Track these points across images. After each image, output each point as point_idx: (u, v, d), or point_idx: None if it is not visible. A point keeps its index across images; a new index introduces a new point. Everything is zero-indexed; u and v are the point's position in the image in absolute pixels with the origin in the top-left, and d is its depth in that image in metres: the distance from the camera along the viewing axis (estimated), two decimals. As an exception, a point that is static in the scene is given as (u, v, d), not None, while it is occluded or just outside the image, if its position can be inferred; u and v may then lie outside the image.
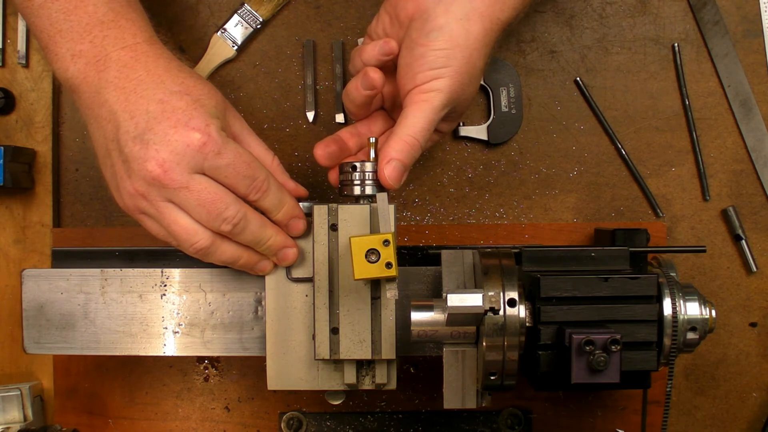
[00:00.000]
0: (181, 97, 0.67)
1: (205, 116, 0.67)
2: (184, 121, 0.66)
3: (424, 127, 0.72)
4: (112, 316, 0.79)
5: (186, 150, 0.65)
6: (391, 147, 0.72)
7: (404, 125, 0.72)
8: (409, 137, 0.72)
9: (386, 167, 0.71)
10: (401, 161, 0.72)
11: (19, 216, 0.89)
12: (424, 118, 0.72)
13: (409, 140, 0.72)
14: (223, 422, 0.90)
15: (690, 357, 0.90)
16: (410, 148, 0.72)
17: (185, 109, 0.67)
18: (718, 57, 0.90)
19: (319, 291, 0.72)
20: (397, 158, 0.71)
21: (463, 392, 0.71)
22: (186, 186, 0.66)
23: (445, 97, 0.72)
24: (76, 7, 0.68)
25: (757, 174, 0.90)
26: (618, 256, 0.73)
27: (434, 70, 0.72)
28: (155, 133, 0.66)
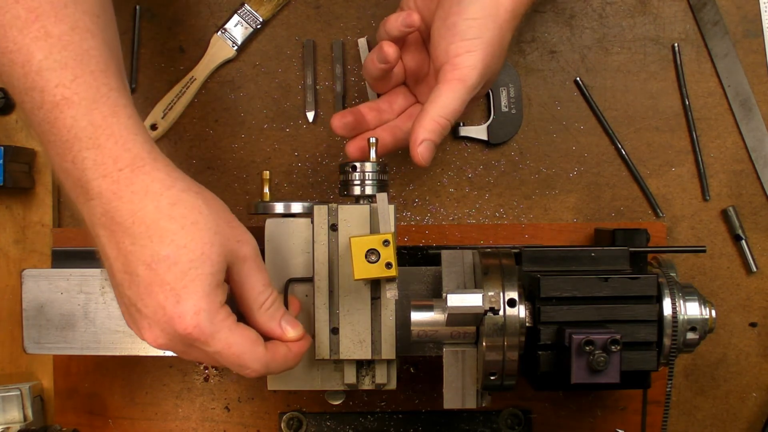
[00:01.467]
0: (169, 268, 0.59)
1: (194, 299, 0.60)
2: (172, 303, 0.59)
3: (457, 109, 0.72)
4: (112, 316, 0.79)
5: (175, 334, 0.60)
6: (423, 127, 0.72)
7: (438, 105, 0.72)
8: (442, 119, 0.72)
9: (419, 148, 0.72)
10: (433, 141, 0.72)
11: (19, 216, 0.89)
12: (458, 99, 0.71)
13: (442, 122, 0.72)
14: (223, 422, 0.90)
15: (690, 357, 0.90)
16: (442, 129, 0.72)
17: (173, 286, 0.59)
18: (718, 57, 0.90)
19: (319, 291, 0.72)
20: (430, 138, 0.72)
21: (463, 392, 0.71)
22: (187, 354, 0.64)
23: (478, 75, 0.71)
24: (56, 118, 0.59)
25: (757, 174, 0.90)
26: (618, 256, 0.73)
27: (467, 41, 0.71)
28: (146, 306, 0.60)
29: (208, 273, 0.60)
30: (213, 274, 0.61)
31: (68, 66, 0.59)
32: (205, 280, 0.60)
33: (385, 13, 0.90)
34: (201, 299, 0.60)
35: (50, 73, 0.59)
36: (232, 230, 0.64)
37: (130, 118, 0.61)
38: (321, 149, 0.91)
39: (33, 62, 0.59)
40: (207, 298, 0.60)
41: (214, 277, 0.61)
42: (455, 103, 0.72)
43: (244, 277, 0.64)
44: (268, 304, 0.66)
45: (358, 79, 0.91)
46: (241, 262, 0.64)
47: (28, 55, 0.59)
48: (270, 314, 0.66)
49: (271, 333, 0.67)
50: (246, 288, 0.65)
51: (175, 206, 0.60)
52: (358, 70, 0.91)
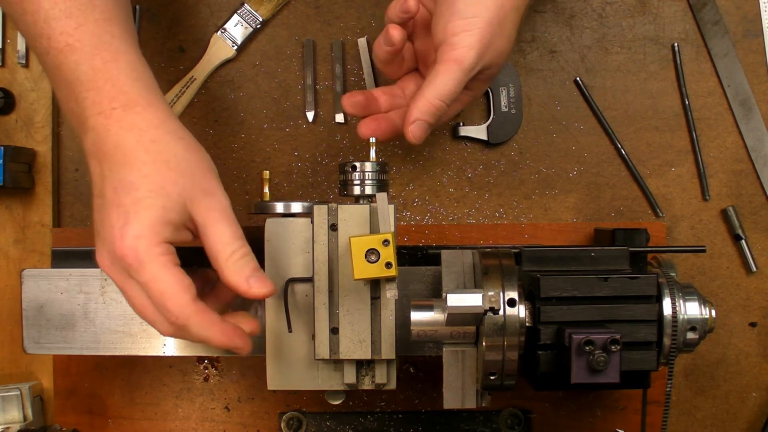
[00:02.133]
0: (129, 192, 0.63)
1: (140, 224, 0.62)
2: (121, 224, 0.63)
3: (452, 90, 0.72)
4: (112, 316, 0.79)
5: (115, 256, 0.63)
6: (417, 107, 0.72)
7: (433, 86, 0.72)
8: (436, 100, 0.72)
9: (411, 126, 0.73)
10: (426, 121, 0.73)
11: (19, 216, 0.89)
12: (454, 80, 0.71)
13: (436, 103, 0.72)
14: (223, 422, 0.90)
15: (690, 357, 0.90)
16: (436, 110, 0.73)
17: (126, 209, 0.63)
18: (718, 57, 0.90)
19: (319, 291, 0.72)
20: (423, 119, 0.73)
21: (463, 392, 0.71)
22: (123, 286, 0.65)
23: (475, 55, 0.71)
24: (61, 63, 0.65)
25: (757, 174, 0.90)
26: (618, 256, 0.73)
27: (464, 20, 0.70)
28: (102, 225, 0.64)
29: (160, 206, 0.63)
30: (166, 209, 0.63)
31: (72, 15, 0.64)
32: (156, 212, 0.63)
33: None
34: (145, 227, 0.62)
35: (55, 22, 0.64)
36: (203, 179, 0.65)
37: (130, 63, 0.66)
38: (321, 149, 0.91)
39: (41, 11, 0.64)
40: (151, 227, 0.63)
41: (166, 212, 0.63)
42: (450, 84, 0.71)
43: (209, 227, 0.65)
44: (236, 256, 0.65)
45: (358, 79, 0.91)
46: (205, 212, 0.65)
47: (36, 5, 0.64)
48: (238, 266, 0.65)
49: (237, 287, 0.65)
50: (212, 239, 0.65)
51: (154, 143, 0.64)
52: (358, 70, 0.91)
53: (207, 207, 0.65)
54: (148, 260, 0.62)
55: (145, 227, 0.62)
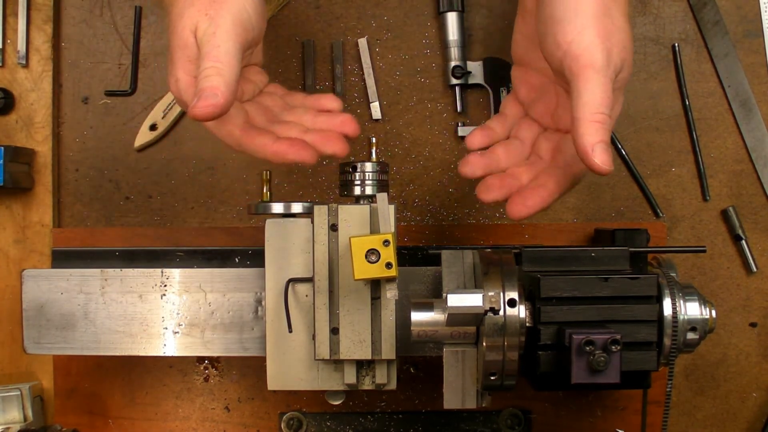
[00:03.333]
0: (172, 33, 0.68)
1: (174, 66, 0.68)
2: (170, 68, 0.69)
3: (604, 96, 0.63)
4: (112, 316, 0.79)
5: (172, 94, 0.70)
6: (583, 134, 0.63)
7: (582, 106, 0.63)
8: (596, 115, 0.63)
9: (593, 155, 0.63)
10: (603, 141, 0.63)
11: (19, 216, 0.89)
12: (600, 85, 0.63)
13: (598, 117, 0.63)
14: (223, 422, 0.90)
15: (690, 357, 0.90)
16: (602, 125, 0.63)
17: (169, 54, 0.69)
18: (718, 57, 0.90)
19: (319, 291, 0.72)
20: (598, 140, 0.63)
21: (463, 392, 0.71)
22: None
23: (601, 52, 0.63)
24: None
25: (757, 174, 0.90)
26: (618, 256, 0.73)
27: (570, 24, 0.64)
28: None
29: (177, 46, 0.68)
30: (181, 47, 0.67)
31: None
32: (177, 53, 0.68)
33: (385, 13, 0.90)
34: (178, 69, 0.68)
35: None
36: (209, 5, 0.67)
37: None
38: (321, 149, 0.90)
39: None
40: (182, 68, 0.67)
41: (183, 51, 0.67)
42: (598, 92, 0.63)
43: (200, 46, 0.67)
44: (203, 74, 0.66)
45: (358, 79, 0.91)
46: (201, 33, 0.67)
47: None
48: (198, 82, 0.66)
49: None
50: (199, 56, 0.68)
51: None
52: (358, 70, 0.91)
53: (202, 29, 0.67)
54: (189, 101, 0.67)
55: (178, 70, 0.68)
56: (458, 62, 0.89)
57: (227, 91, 0.64)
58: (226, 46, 0.66)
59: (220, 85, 0.64)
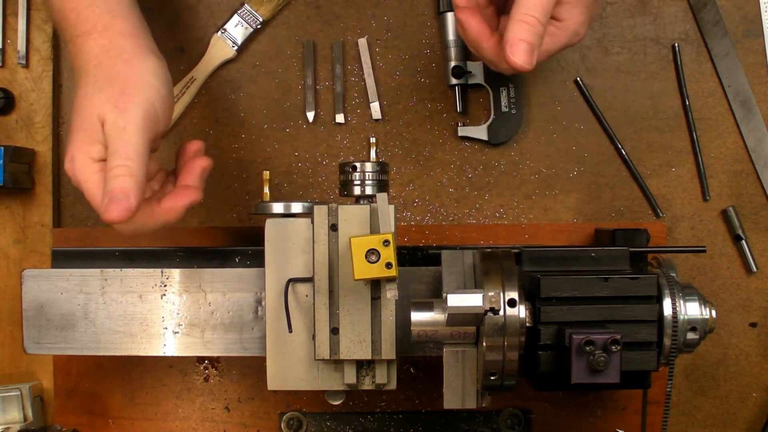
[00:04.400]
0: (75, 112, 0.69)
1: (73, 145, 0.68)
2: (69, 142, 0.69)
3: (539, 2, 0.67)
4: (112, 316, 0.79)
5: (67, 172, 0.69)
6: (512, 30, 0.67)
7: (518, 6, 0.67)
8: (526, 16, 0.67)
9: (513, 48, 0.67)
10: (527, 41, 0.67)
11: (19, 216, 0.89)
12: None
13: (528, 19, 0.67)
14: (223, 422, 0.90)
15: (690, 357, 0.90)
16: (530, 27, 0.67)
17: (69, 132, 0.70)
18: (718, 57, 0.90)
19: (319, 291, 0.72)
20: (524, 38, 0.67)
21: (463, 392, 0.71)
22: None
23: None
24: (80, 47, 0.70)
25: (757, 174, 0.90)
26: (618, 256, 0.73)
27: None
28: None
29: (80, 127, 0.68)
30: (84, 129, 0.68)
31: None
32: (79, 133, 0.68)
33: (385, 13, 0.90)
34: (76, 149, 0.68)
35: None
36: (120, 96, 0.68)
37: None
38: (321, 149, 0.91)
39: None
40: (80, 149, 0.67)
41: (86, 133, 0.68)
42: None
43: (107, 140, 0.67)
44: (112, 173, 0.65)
45: (358, 79, 0.91)
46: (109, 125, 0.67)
47: None
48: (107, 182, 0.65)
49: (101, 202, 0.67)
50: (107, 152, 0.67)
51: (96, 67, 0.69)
52: (358, 70, 0.91)
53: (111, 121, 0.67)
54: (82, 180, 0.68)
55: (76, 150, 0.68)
56: (458, 62, 0.89)
57: (138, 192, 0.65)
58: (137, 143, 0.66)
59: (132, 187, 0.65)
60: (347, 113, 0.90)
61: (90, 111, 0.67)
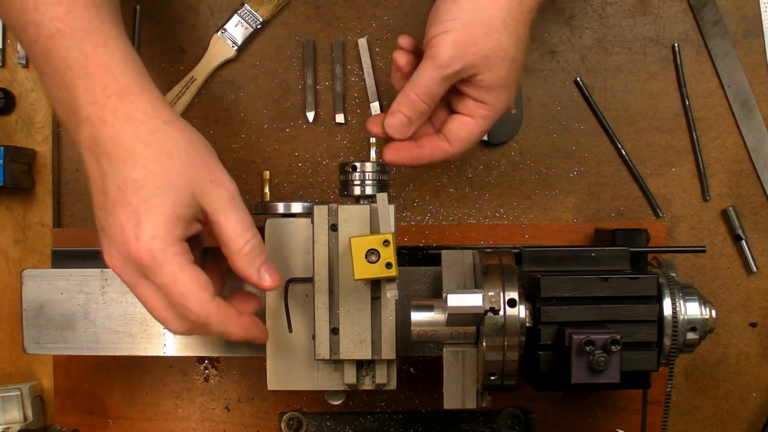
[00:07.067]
0: (136, 191, 0.61)
1: (154, 224, 0.61)
2: (133, 224, 0.61)
3: (425, 84, 0.70)
4: (112, 316, 0.79)
5: (129, 257, 0.62)
6: (396, 101, 0.72)
7: (411, 81, 0.71)
8: (412, 93, 0.71)
9: (387, 118, 0.72)
10: (402, 113, 0.72)
11: (19, 216, 0.89)
12: (427, 74, 0.70)
13: (412, 96, 0.71)
14: (223, 422, 0.90)
15: (690, 357, 0.90)
16: (412, 104, 0.71)
17: (136, 208, 0.61)
18: (718, 57, 0.90)
19: (319, 291, 0.72)
20: (400, 110, 0.72)
21: (463, 392, 0.71)
22: (135, 286, 0.64)
23: (448, 52, 0.69)
24: (51, 50, 0.63)
25: (757, 174, 0.90)
26: (618, 256, 0.73)
27: (443, 23, 0.70)
28: (110, 225, 0.63)
29: (171, 202, 0.62)
30: (176, 204, 0.62)
31: (62, 1, 0.63)
32: (167, 209, 0.62)
33: (385, 13, 0.90)
34: (159, 226, 0.61)
35: (45, 8, 0.63)
36: (207, 169, 0.64)
37: (121, 50, 0.64)
38: (321, 149, 0.91)
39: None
40: (165, 226, 0.61)
41: (177, 208, 0.62)
42: (424, 80, 0.70)
43: (219, 218, 0.64)
44: (247, 248, 0.65)
45: (358, 79, 0.91)
46: (215, 202, 0.64)
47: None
48: (249, 259, 0.65)
49: (248, 278, 0.66)
50: (223, 230, 0.65)
51: (154, 135, 0.63)
52: (358, 70, 0.91)
53: (216, 197, 0.64)
54: (166, 261, 0.61)
55: (159, 227, 0.61)
56: (458, 62, 0.89)
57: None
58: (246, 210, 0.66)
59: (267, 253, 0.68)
60: (347, 113, 0.91)
61: (183, 186, 0.62)
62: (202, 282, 0.63)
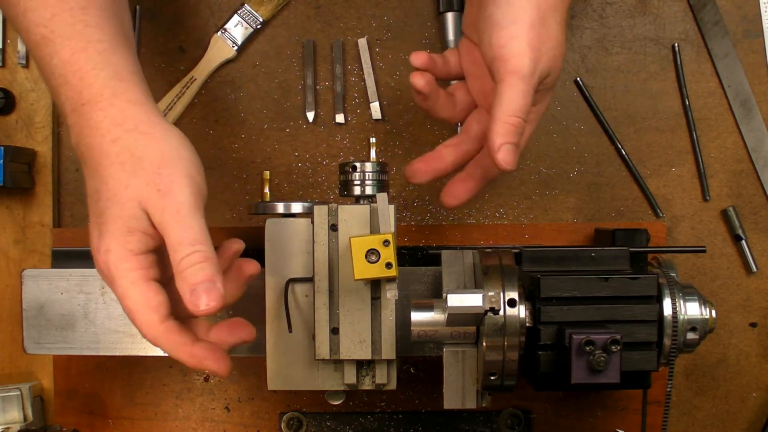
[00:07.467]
0: (96, 203, 0.61)
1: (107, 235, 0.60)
2: (96, 235, 0.61)
3: (522, 102, 0.66)
4: (112, 316, 0.79)
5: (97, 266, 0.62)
6: (495, 133, 0.67)
7: (503, 105, 0.66)
8: (512, 118, 0.66)
9: (499, 154, 0.67)
10: (512, 143, 0.67)
11: (19, 216, 0.89)
12: (520, 92, 0.66)
13: (513, 120, 0.66)
14: (223, 422, 0.90)
15: (690, 357, 0.90)
16: (515, 128, 0.67)
17: (97, 219, 0.61)
18: (718, 57, 0.90)
19: (319, 291, 0.72)
20: (508, 141, 0.67)
21: (463, 392, 0.71)
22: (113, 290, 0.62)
23: (530, 60, 0.66)
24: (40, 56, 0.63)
25: (757, 174, 0.90)
26: (618, 256, 0.73)
27: (506, 29, 0.66)
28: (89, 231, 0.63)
29: (117, 216, 0.60)
30: (123, 217, 0.60)
31: (48, 5, 0.62)
32: (116, 222, 0.60)
33: (385, 13, 0.90)
34: (111, 240, 0.60)
35: (33, 13, 0.62)
36: (157, 177, 0.60)
37: (101, 53, 0.62)
38: (321, 149, 0.91)
39: (20, 3, 0.63)
40: (118, 240, 0.60)
41: (126, 221, 0.60)
42: (518, 97, 0.66)
43: (164, 229, 0.60)
44: (184, 264, 0.59)
45: (358, 79, 0.91)
46: (159, 214, 0.60)
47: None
48: (183, 276, 0.59)
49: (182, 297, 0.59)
50: (167, 242, 0.60)
51: (114, 143, 0.61)
52: (358, 70, 0.91)
53: (160, 207, 0.60)
54: (117, 276, 0.60)
55: (113, 240, 0.60)
56: (458, 62, 0.89)
57: (220, 275, 0.60)
58: (198, 224, 0.60)
59: (214, 272, 0.59)
60: (347, 113, 0.91)
61: (127, 198, 0.60)
62: (153, 303, 0.60)
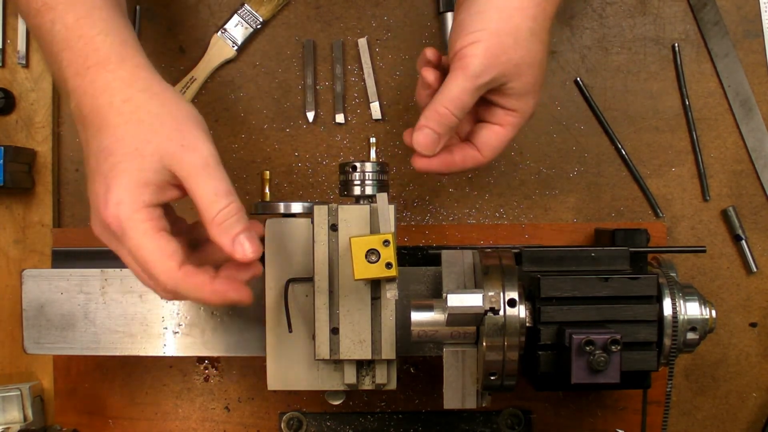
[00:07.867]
0: (106, 158, 0.62)
1: (119, 188, 0.61)
2: (103, 191, 0.62)
3: (457, 97, 0.69)
4: (112, 316, 0.79)
5: (104, 223, 0.62)
6: (423, 115, 0.71)
7: (438, 96, 0.70)
8: (441, 107, 0.70)
9: (416, 132, 0.71)
10: (432, 129, 0.71)
11: (19, 216, 0.89)
12: (459, 86, 0.69)
13: (441, 110, 0.70)
14: (223, 422, 0.90)
15: (690, 357, 0.90)
16: (441, 118, 0.70)
17: (106, 175, 0.62)
18: (718, 57, 0.90)
19: (319, 291, 0.72)
20: (428, 126, 0.71)
21: (463, 392, 0.71)
22: (117, 252, 0.64)
23: (480, 62, 0.69)
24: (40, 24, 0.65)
25: (757, 174, 0.90)
26: (618, 256, 0.73)
27: (471, 34, 0.69)
28: (90, 193, 0.64)
29: (136, 168, 0.62)
30: (142, 170, 0.62)
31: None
32: (133, 175, 0.61)
33: (385, 13, 0.90)
34: (124, 191, 0.61)
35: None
36: (178, 134, 0.63)
37: (104, 20, 0.65)
38: (321, 149, 0.91)
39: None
40: (130, 192, 0.61)
41: (144, 173, 0.62)
42: (455, 91, 0.69)
43: (191, 184, 0.62)
44: (221, 216, 0.62)
45: (358, 79, 0.91)
46: (186, 168, 0.62)
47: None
48: (223, 228, 0.62)
49: (223, 248, 0.63)
50: (196, 197, 0.63)
51: (126, 103, 0.63)
52: (358, 70, 0.91)
53: (187, 162, 0.62)
54: (129, 227, 0.61)
55: (125, 193, 0.61)
56: (458, 62, 0.89)
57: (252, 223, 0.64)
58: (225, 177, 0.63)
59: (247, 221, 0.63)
60: (347, 113, 0.91)
61: (149, 152, 0.62)
62: (168, 250, 0.62)
